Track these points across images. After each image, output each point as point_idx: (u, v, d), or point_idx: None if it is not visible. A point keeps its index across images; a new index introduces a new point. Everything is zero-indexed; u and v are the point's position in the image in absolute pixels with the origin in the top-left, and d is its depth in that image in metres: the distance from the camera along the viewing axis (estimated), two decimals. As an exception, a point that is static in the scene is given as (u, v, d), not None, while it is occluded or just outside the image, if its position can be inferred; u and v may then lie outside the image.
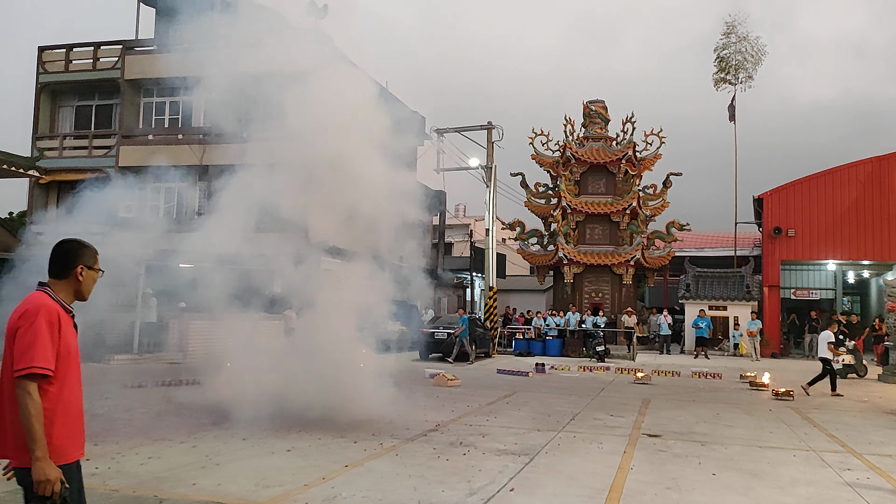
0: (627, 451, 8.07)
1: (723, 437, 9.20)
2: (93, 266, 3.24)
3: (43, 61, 24.79)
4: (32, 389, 2.89)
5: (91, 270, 3.23)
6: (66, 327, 3.08)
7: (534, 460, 7.46)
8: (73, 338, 3.15)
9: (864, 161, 27.38)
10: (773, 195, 28.42)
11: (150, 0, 25.90)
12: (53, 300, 3.09)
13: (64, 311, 3.11)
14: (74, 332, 3.17)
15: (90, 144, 24.12)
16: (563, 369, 18.98)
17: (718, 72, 35.87)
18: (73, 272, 3.18)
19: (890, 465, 7.69)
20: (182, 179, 22.32)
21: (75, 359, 3.14)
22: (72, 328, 3.15)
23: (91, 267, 3.23)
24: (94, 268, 3.25)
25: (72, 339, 3.12)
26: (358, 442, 8.10)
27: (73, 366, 3.11)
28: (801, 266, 31.06)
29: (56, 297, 3.11)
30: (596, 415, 10.87)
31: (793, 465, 7.57)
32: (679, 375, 17.63)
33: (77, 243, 3.25)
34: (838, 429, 10.11)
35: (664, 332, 27.07)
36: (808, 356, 26.88)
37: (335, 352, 9.74)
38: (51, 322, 2.98)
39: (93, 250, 3.26)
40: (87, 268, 3.22)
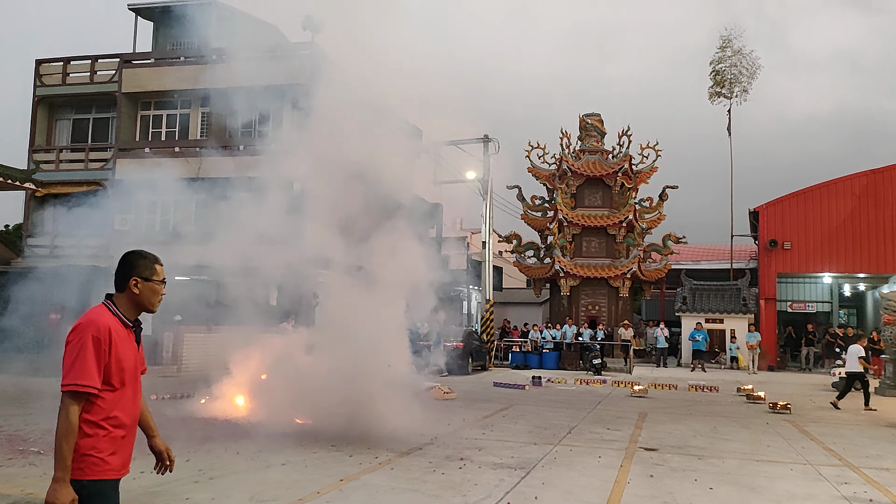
0: (624, 464, 8.03)
1: (720, 450, 9.17)
2: (150, 278, 3.13)
3: (40, 74, 24.83)
4: (71, 407, 2.86)
5: (148, 282, 3.13)
6: (120, 343, 3.01)
7: (530, 474, 7.42)
8: (131, 353, 3.08)
9: (860, 174, 27.48)
10: (769, 208, 28.48)
11: (147, 13, 26.00)
12: (112, 313, 3.04)
13: (121, 326, 3.05)
14: (134, 347, 3.11)
15: (87, 157, 24.11)
16: (559, 382, 18.93)
17: (714, 85, 36.05)
18: (128, 284, 3.10)
19: (887, 479, 7.66)
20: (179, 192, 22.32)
21: (131, 375, 3.07)
22: (130, 343, 3.09)
23: (148, 279, 3.13)
24: (152, 279, 3.14)
25: (128, 355, 3.05)
26: (353, 456, 8.05)
27: (127, 382, 3.05)
28: (798, 279, 31.09)
29: (116, 310, 3.06)
30: (592, 428, 10.83)
31: (790, 479, 7.54)
32: (676, 388, 17.59)
33: (134, 254, 3.18)
34: (835, 442, 10.08)
35: (661, 344, 27.04)
36: (805, 369, 26.87)
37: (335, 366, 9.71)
38: (98, 338, 2.91)
39: (150, 261, 3.16)
40: (143, 279, 3.11)
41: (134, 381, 3.10)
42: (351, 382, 9.28)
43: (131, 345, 3.09)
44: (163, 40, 26.24)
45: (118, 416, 3.00)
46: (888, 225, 26.65)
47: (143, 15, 25.88)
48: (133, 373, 3.08)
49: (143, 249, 3.23)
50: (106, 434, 2.95)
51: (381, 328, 9.95)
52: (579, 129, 31.80)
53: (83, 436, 2.89)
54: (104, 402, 2.94)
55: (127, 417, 3.07)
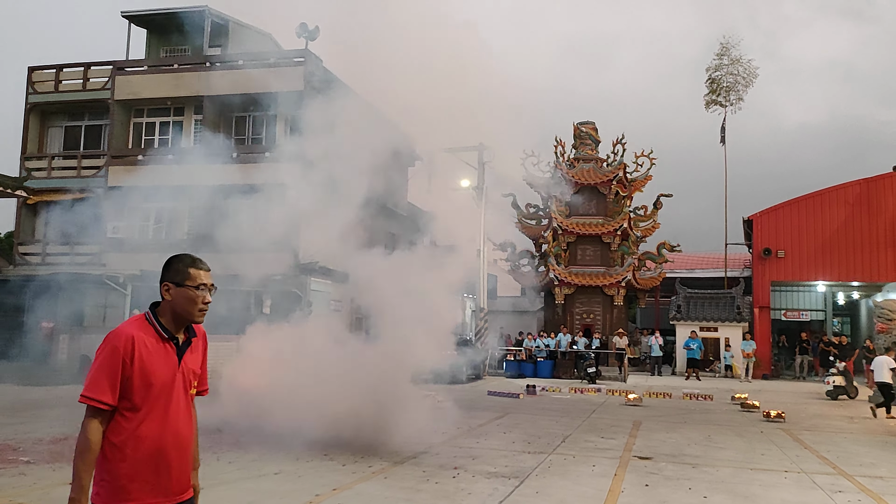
0: (618, 473, 8.00)
1: (714, 459, 9.14)
2: (182, 283, 2.82)
3: (32, 81, 24.75)
4: (89, 423, 2.67)
5: (180, 288, 2.82)
6: (148, 356, 2.73)
7: (524, 483, 7.37)
8: (166, 368, 2.78)
9: (853, 183, 27.57)
10: (763, 216, 28.55)
11: (140, 21, 25.98)
12: (150, 324, 2.80)
13: (156, 338, 2.79)
14: (171, 362, 2.81)
15: (79, 165, 24.01)
16: (554, 391, 18.88)
17: (710, 93, 36.14)
18: (161, 291, 2.88)
19: (881, 487, 7.64)
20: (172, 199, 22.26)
21: (163, 392, 2.76)
22: (165, 357, 2.80)
23: (180, 284, 2.82)
24: (185, 284, 2.82)
25: (159, 370, 2.76)
26: (346, 465, 7.99)
27: (159, 400, 2.75)
28: (792, 287, 31.14)
29: (154, 320, 2.82)
30: (587, 437, 10.79)
31: (784, 488, 7.51)
32: (670, 397, 17.56)
33: (171, 258, 2.94)
34: (829, 450, 10.06)
35: (655, 353, 27.02)
36: (800, 378, 26.88)
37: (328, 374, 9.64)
38: (115, 348, 2.68)
39: (184, 264, 2.87)
40: (175, 285, 2.82)
41: (168, 400, 2.77)
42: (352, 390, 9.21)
43: (167, 359, 2.79)
44: (156, 48, 26.22)
45: (142, 437, 2.70)
46: (882, 233, 26.73)
47: (137, 22, 25.84)
48: (166, 391, 2.77)
49: (185, 253, 2.98)
50: (125, 458, 2.68)
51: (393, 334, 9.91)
52: (574, 137, 31.85)
53: (102, 457, 2.68)
54: (126, 420, 2.70)
55: (155, 441, 2.73)
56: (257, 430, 9.38)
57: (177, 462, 2.81)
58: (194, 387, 2.94)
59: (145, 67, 24.20)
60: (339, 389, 9.18)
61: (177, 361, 2.83)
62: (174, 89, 23.30)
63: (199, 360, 2.99)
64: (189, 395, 2.90)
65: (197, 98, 23.03)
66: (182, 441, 2.84)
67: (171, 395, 2.80)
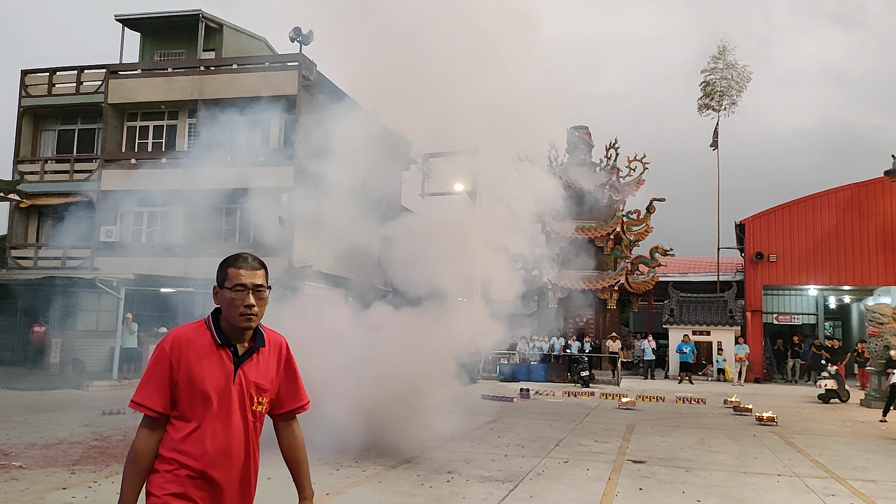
0: (612, 477, 8.02)
1: (707, 462, 9.17)
2: (223, 284, 2.58)
3: (25, 85, 24.68)
4: (139, 430, 2.51)
5: (223, 290, 2.57)
6: (197, 361, 2.51)
7: (518, 487, 7.38)
8: (218, 375, 2.53)
9: (844, 187, 27.72)
10: (755, 220, 28.67)
11: (134, 25, 25.95)
12: (207, 327, 2.59)
13: (211, 342, 2.56)
14: (224, 370, 2.55)
15: (72, 168, 23.94)
16: (547, 395, 18.90)
17: (703, 97, 36.25)
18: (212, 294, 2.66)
19: (873, 491, 7.68)
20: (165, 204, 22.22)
21: (219, 402, 2.52)
22: (219, 364, 2.54)
23: (222, 286, 2.58)
24: (225, 286, 2.57)
25: (210, 377, 2.51)
26: (340, 469, 7.99)
27: (208, 412, 2.50)
28: (783, 291, 31.27)
29: (211, 324, 2.59)
30: (580, 440, 10.81)
31: (777, 492, 7.54)
32: (663, 400, 17.60)
33: (223, 260, 2.68)
34: (822, 454, 10.10)
35: (648, 357, 27.07)
36: (792, 381, 26.98)
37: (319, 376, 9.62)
38: (163, 352, 2.51)
39: (227, 264, 2.61)
40: (220, 287, 2.59)
41: (220, 414, 2.51)
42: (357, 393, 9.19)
43: (220, 367, 2.54)
44: (150, 51, 26.19)
45: (189, 451, 2.47)
46: (872, 237, 26.88)
47: (131, 26, 25.82)
48: (218, 403, 2.51)
49: (239, 252, 2.71)
50: (170, 471, 2.48)
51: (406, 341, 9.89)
52: (567, 141, 31.91)
53: (153, 470, 2.50)
54: (174, 430, 2.50)
55: (203, 458, 2.48)
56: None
57: (228, 487, 2.55)
58: (260, 403, 2.61)
59: (139, 71, 24.16)
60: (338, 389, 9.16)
61: (232, 371, 2.55)
62: (168, 93, 23.26)
63: (271, 373, 2.65)
64: (253, 412, 2.59)
65: (191, 102, 23.01)
66: (234, 463, 2.55)
67: (224, 409, 2.53)
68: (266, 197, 20.55)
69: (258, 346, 2.65)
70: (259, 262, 2.65)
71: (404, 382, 9.22)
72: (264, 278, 2.65)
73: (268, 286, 2.66)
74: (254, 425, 2.63)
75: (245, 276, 2.58)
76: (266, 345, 2.67)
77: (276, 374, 2.69)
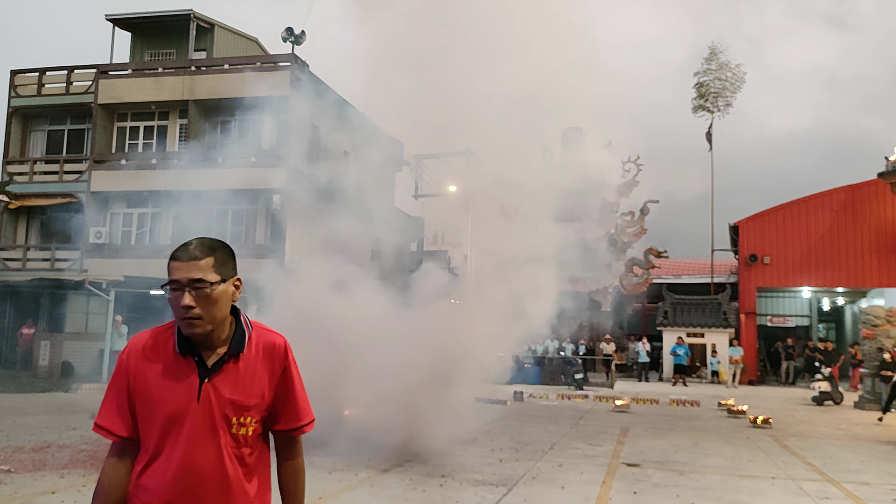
0: (606, 480, 7.94)
1: (701, 465, 9.10)
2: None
3: (15, 85, 24.50)
4: (106, 458, 2.14)
5: (166, 287, 2.09)
6: (153, 377, 2.07)
7: (511, 491, 7.30)
8: (175, 391, 2.05)
9: (838, 189, 27.74)
10: (749, 223, 28.67)
11: (125, 24, 25.80)
12: (173, 333, 2.12)
13: (173, 352, 2.10)
14: (187, 384, 2.06)
15: (61, 169, 23.76)
16: (541, 397, 18.83)
17: (697, 97, 36.21)
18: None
19: (868, 493, 7.63)
20: (155, 205, 22.08)
21: (180, 427, 2.04)
22: (181, 380, 2.07)
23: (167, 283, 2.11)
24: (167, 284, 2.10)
25: (165, 393, 2.05)
26: (333, 473, 7.88)
27: (168, 437, 2.05)
28: (777, 293, 31.28)
29: (177, 330, 2.12)
30: (574, 444, 10.73)
31: (771, 495, 7.48)
32: (658, 403, 17.55)
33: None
34: (816, 457, 10.05)
35: (642, 359, 27.02)
36: (786, 383, 26.97)
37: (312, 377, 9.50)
38: (120, 365, 2.11)
39: (171, 259, 2.09)
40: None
41: (183, 438, 2.03)
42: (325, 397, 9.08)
43: (182, 382, 2.06)
44: (140, 51, 26.04)
45: (147, 486, 2.05)
46: (866, 240, 26.90)
47: (121, 25, 25.66)
48: (178, 424, 2.04)
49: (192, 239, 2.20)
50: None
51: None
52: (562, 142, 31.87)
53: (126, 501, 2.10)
54: (142, 458, 2.09)
55: (163, 494, 2.03)
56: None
57: None
58: (243, 424, 2.10)
59: (129, 71, 24.02)
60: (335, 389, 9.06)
61: (196, 386, 2.06)
62: (158, 93, 23.11)
63: (258, 385, 2.12)
64: (234, 437, 2.09)
65: (182, 102, 22.87)
66: (197, 495, 2.04)
67: (188, 435, 2.04)
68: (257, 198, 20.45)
69: (235, 353, 2.11)
70: (204, 249, 2.08)
71: (405, 381, 9.14)
72: (209, 270, 2.05)
73: (218, 279, 2.06)
74: (237, 453, 2.10)
75: (179, 269, 2.05)
76: (250, 350, 2.14)
77: (269, 385, 2.15)
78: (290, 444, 2.27)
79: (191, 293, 2.03)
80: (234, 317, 2.18)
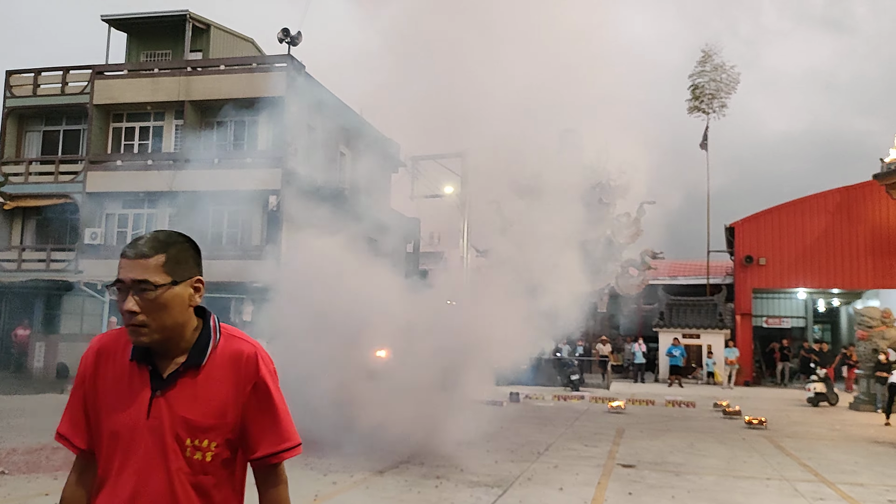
0: (602, 481, 7.94)
1: (697, 466, 9.11)
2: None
3: (10, 85, 24.42)
4: (70, 470, 1.94)
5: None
6: (106, 384, 1.83)
7: (507, 492, 7.30)
8: (126, 403, 1.79)
9: (833, 191, 27.81)
10: (745, 224, 28.73)
11: (121, 25, 25.75)
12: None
13: (132, 358, 1.83)
14: (139, 396, 1.79)
15: (56, 170, 23.69)
16: (537, 398, 18.82)
17: (693, 99, 36.27)
18: None
19: (862, 494, 7.64)
20: (151, 205, 22.04)
21: (129, 447, 1.77)
22: (132, 388, 1.80)
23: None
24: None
25: (117, 405, 1.80)
26: (328, 474, 7.87)
27: (117, 457, 1.78)
28: (773, 294, 31.34)
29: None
30: (570, 445, 10.73)
31: (766, 496, 7.50)
32: (653, 404, 17.56)
33: None
34: (810, 458, 10.07)
35: (638, 360, 27.04)
36: (781, 384, 27.02)
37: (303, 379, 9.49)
38: (79, 369, 1.89)
39: (120, 255, 1.82)
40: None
41: (141, 462, 1.76)
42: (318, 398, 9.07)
43: (133, 394, 1.79)
44: (136, 52, 25.98)
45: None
46: (861, 241, 26.97)
47: (117, 26, 25.60)
48: (136, 445, 1.76)
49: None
50: None
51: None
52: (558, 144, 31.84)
53: None
54: (100, 475, 1.82)
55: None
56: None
57: None
58: (198, 448, 1.78)
59: (125, 72, 23.97)
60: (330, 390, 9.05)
61: (147, 398, 1.78)
62: (154, 94, 23.07)
63: (218, 403, 1.81)
64: (189, 461, 1.78)
65: (178, 103, 22.83)
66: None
67: (137, 453, 1.76)
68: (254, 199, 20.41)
69: (193, 364, 1.81)
70: (155, 245, 1.78)
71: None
72: (157, 270, 1.76)
73: (168, 281, 1.76)
74: (193, 481, 1.78)
75: (124, 267, 1.76)
76: (214, 361, 1.82)
77: (233, 403, 1.82)
78: (268, 473, 1.90)
79: (134, 296, 1.74)
80: (203, 320, 1.89)
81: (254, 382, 1.83)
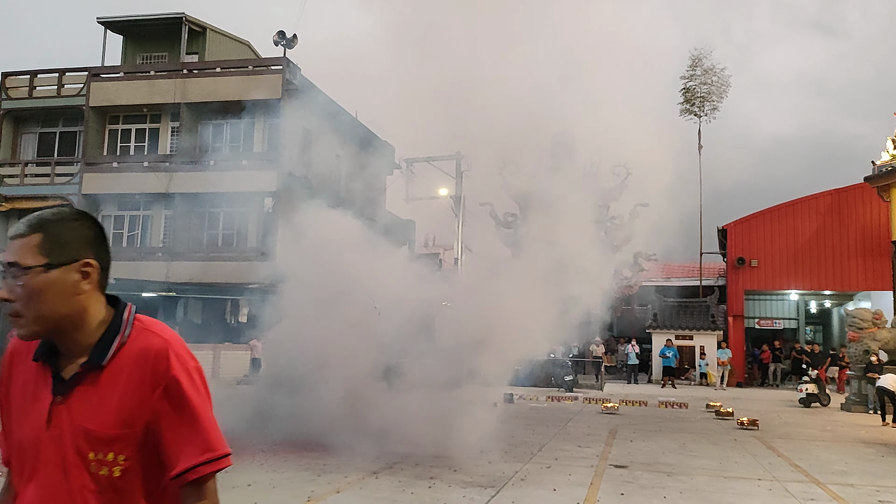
0: (594, 482, 8.02)
1: (689, 467, 9.20)
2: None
3: (6, 87, 24.44)
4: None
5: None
6: (15, 385, 1.61)
7: (500, 493, 7.37)
8: (30, 412, 1.55)
9: (825, 193, 27.98)
10: (737, 226, 28.88)
11: (116, 27, 25.76)
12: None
13: (34, 357, 1.58)
14: (39, 403, 1.54)
15: (52, 172, 23.73)
16: (530, 399, 18.89)
17: (684, 102, 36.41)
18: None
19: (853, 495, 7.74)
20: (147, 207, 22.06)
21: (32, 460, 1.53)
22: (37, 392, 1.55)
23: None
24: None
25: (19, 415, 1.57)
26: (322, 475, 7.93)
27: (24, 471, 1.55)
28: (765, 296, 31.49)
29: None
30: (563, 445, 10.81)
31: (758, 496, 7.58)
32: (646, 405, 17.66)
33: None
34: (801, 458, 10.17)
35: (632, 361, 27.16)
36: (773, 385, 27.17)
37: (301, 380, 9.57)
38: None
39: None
40: None
41: (44, 477, 1.51)
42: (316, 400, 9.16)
43: (37, 399, 1.55)
44: (132, 54, 26.00)
45: None
46: (852, 243, 27.14)
47: (113, 28, 25.62)
48: (38, 458, 1.52)
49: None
50: None
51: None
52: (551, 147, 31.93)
53: None
54: (19, 495, 1.56)
55: None
56: (227, 437, 9.29)
57: None
58: (104, 462, 1.50)
59: (121, 74, 24.00)
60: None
61: (48, 404, 1.52)
62: (150, 96, 23.11)
63: (123, 409, 1.51)
64: (95, 478, 1.50)
65: (173, 105, 22.88)
66: None
67: (42, 472, 1.52)
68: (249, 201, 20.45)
69: (94, 364, 1.53)
70: (33, 223, 1.51)
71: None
72: (31, 250, 1.49)
73: (42, 263, 1.48)
74: (100, 500, 1.51)
75: (6, 249, 1.52)
76: (119, 359, 1.54)
77: (139, 408, 1.52)
78: (191, 492, 1.55)
79: (6, 280, 1.50)
80: (115, 311, 1.60)
81: (164, 384, 1.52)
